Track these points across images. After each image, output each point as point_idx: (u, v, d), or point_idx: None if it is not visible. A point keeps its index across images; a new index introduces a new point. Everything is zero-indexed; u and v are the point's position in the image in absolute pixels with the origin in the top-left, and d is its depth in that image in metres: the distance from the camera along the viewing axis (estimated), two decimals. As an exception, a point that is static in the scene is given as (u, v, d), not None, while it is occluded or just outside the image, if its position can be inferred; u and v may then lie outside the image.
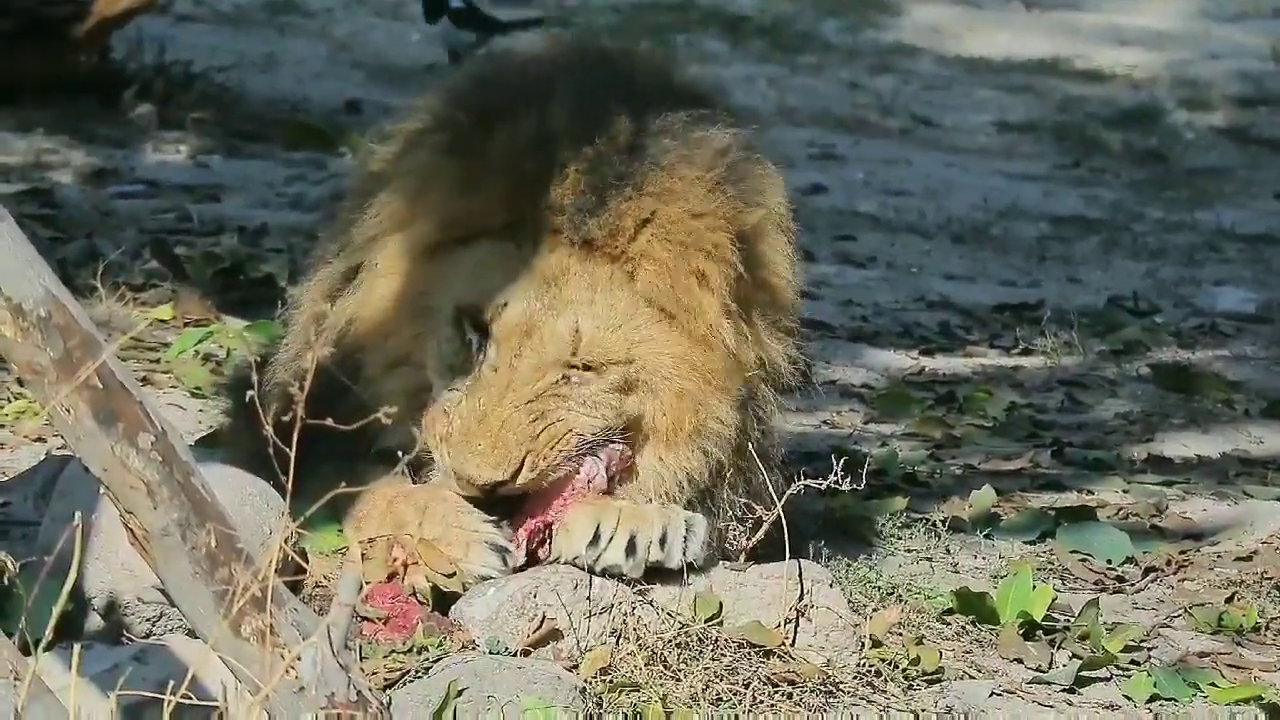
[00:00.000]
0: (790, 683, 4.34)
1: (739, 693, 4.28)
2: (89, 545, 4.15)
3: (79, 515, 3.62)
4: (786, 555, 4.48)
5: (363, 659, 4.12)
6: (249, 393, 3.56)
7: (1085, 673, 4.65)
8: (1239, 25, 16.76)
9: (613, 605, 4.36)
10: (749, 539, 4.58)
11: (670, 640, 4.34)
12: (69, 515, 4.01)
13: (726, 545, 4.59)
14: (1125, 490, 6.10)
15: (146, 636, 4.15)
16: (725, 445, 4.53)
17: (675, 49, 13.69)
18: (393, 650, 4.20)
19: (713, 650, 4.35)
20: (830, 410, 6.78)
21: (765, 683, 4.32)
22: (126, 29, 11.09)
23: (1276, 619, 5.10)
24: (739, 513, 4.60)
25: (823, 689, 4.36)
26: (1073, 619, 4.89)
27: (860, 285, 8.90)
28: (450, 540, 4.37)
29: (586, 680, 4.21)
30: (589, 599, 4.35)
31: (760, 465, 4.57)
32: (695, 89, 4.75)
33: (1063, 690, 4.61)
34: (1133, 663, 4.77)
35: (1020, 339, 7.96)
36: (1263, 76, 15.20)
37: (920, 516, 5.59)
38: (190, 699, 3.42)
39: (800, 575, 4.48)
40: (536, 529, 4.43)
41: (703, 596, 4.42)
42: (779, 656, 4.39)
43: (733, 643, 4.37)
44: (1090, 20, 16.75)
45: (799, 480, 4.55)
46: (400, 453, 3.65)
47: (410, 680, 4.11)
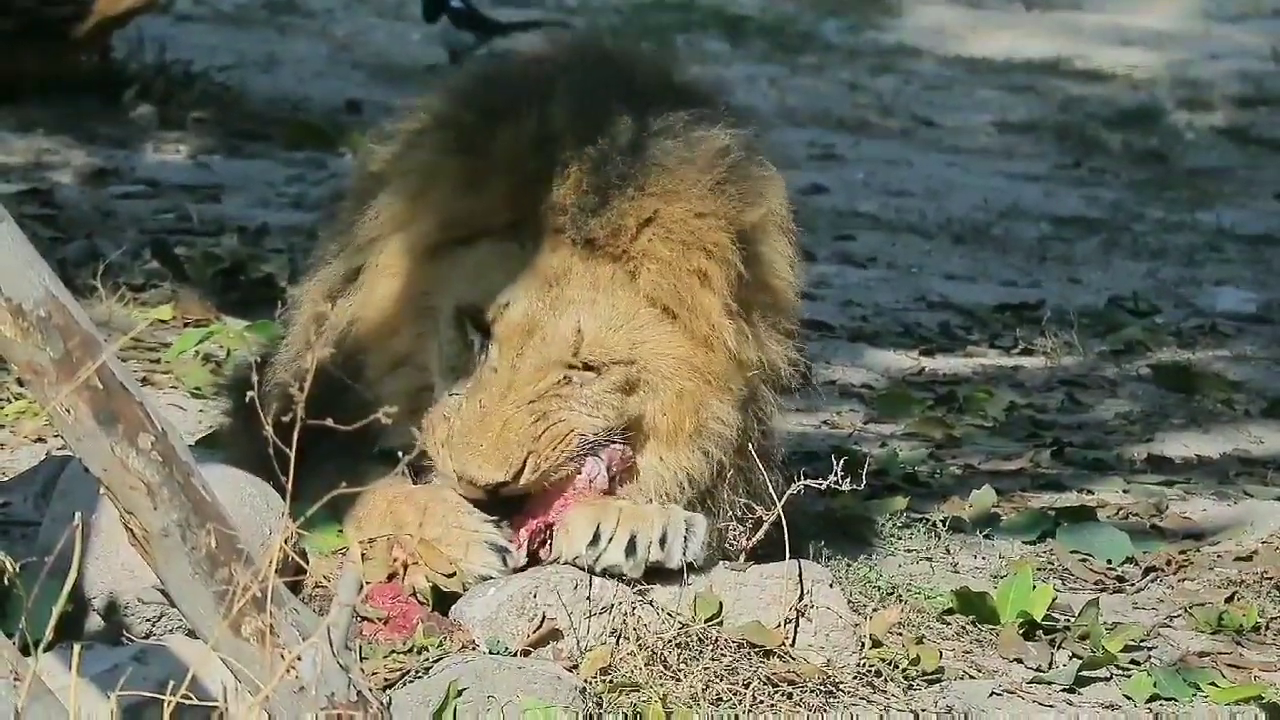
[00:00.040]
0: (790, 683, 4.34)
1: (739, 693, 4.28)
2: (89, 545, 4.14)
3: (79, 515, 3.62)
4: (786, 555, 4.48)
5: (363, 659, 4.12)
6: (249, 393, 3.56)
7: (1085, 673, 4.65)
8: (1239, 25, 16.77)
9: (613, 605, 4.36)
10: (749, 539, 4.58)
11: (670, 640, 4.34)
12: (69, 515, 4.01)
13: (726, 545, 4.59)
14: (1125, 490, 6.10)
15: (146, 637, 4.14)
16: (726, 445, 4.53)
17: (676, 49, 13.67)
18: (393, 650, 4.20)
19: (713, 650, 4.34)
20: (830, 410, 6.78)
21: (765, 683, 4.32)
22: (127, 29, 11.08)
23: (1276, 619, 5.09)
24: (739, 513, 4.60)
25: (823, 689, 4.35)
26: (1073, 619, 4.89)
27: (860, 285, 8.90)
28: (450, 540, 4.37)
29: (586, 680, 4.20)
30: (589, 599, 4.35)
31: (760, 465, 4.56)
32: (696, 89, 4.74)
33: (1063, 690, 4.61)
34: (1133, 663, 4.76)
35: (1020, 339, 7.95)
36: (1263, 76, 15.20)
37: (920, 516, 5.59)
38: (190, 699, 3.42)
39: (800, 575, 4.48)
40: (537, 529, 4.42)
41: (703, 596, 4.42)
42: (779, 656, 4.39)
43: (733, 643, 4.37)
44: (1091, 21, 16.76)
45: (799, 480, 4.54)
46: (401, 453, 3.64)
47: (410, 680, 4.11)
